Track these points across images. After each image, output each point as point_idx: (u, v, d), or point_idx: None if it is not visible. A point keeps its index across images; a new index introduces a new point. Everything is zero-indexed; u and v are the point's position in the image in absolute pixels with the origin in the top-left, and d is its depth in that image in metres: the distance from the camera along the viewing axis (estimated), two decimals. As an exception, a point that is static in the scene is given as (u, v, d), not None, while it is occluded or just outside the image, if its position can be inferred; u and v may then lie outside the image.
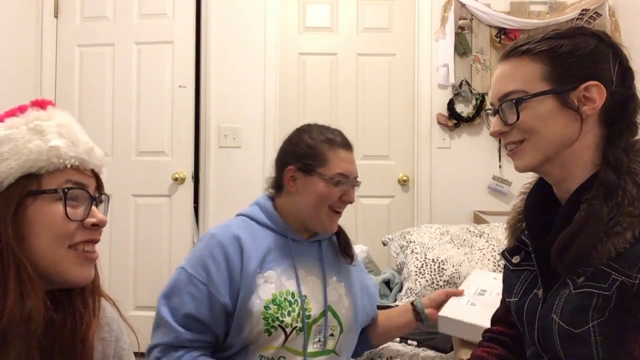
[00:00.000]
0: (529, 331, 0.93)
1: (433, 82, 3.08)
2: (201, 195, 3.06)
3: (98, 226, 0.79)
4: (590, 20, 2.98)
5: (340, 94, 3.20)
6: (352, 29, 3.21)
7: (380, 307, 2.21)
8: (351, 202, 1.36)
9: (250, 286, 1.24)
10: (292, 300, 1.27)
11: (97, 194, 0.82)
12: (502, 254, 1.03)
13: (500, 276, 1.12)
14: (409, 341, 1.87)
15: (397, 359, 1.78)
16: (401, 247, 2.52)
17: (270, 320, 1.23)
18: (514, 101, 0.87)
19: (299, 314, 1.26)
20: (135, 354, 0.96)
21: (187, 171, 3.06)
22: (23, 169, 0.74)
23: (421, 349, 1.83)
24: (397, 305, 2.24)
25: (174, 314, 1.22)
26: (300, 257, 1.32)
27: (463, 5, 3.03)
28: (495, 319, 1.12)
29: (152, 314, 1.31)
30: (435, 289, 2.27)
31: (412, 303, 1.46)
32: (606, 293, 0.79)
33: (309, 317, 1.27)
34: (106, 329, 0.86)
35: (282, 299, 1.25)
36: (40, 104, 0.82)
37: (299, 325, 1.25)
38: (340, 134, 1.40)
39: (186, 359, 1.19)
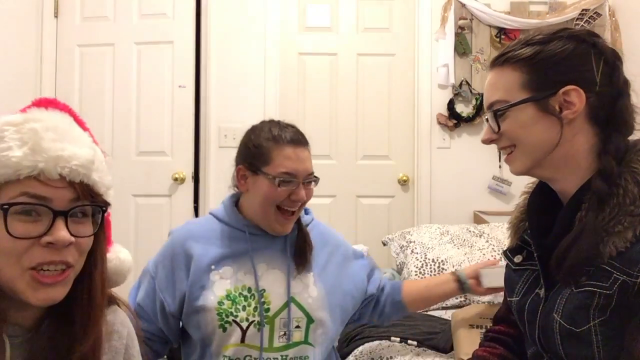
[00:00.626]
0: (529, 330, 0.93)
1: (433, 82, 3.08)
2: (201, 195, 3.06)
3: (55, 245, 0.70)
4: (590, 20, 2.98)
5: (340, 94, 3.20)
6: (352, 29, 3.21)
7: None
8: (303, 201, 1.31)
9: (202, 283, 1.26)
10: (249, 295, 1.27)
11: (73, 206, 0.73)
12: (504, 253, 1.03)
13: None
14: (409, 341, 1.87)
15: (397, 358, 1.78)
16: (401, 247, 2.52)
17: (223, 316, 1.24)
18: (494, 112, 0.91)
19: (255, 308, 1.25)
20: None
21: (187, 171, 3.06)
22: None
23: (421, 349, 1.83)
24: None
25: (132, 301, 1.32)
26: (261, 250, 1.32)
27: (463, 5, 3.03)
28: (497, 318, 1.12)
29: None
30: (435, 289, 2.27)
31: (453, 273, 1.50)
32: (608, 292, 0.80)
33: (267, 310, 1.27)
34: (116, 336, 0.83)
35: (237, 294, 1.26)
36: (39, 104, 0.79)
37: (257, 319, 1.25)
38: (293, 130, 1.33)
39: None
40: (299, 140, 1.30)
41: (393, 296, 1.50)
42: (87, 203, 0.75)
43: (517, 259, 0.99)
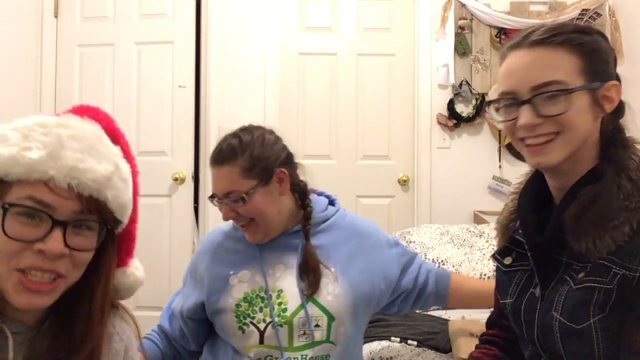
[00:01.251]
0: (527, 331, 0.92)
1: (433, 82, 3.08)
2: (201, 195, 3.06)
3: (46, 253, 0.69)
4: (590, 20, 2.98)
5: (340, 94, 3.20)
6: (352, 29, 3.21)
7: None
8: (226, 220, 1.30)
9: (221, 287, 1.30)
10: (266, 296, 1.28)
11: (76, 217, 0.72)
12: (493, 256, 1.03)
13: None
14: (409, 341, 1.87)
15: (397, 358, 1.78)
16: (401, 247, 2.52)
17: (241, 318, 1.27)
18: (566, 92, 0.84)
19: (273, 307, 1.27)
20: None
21: (187, 171, 3.06)
22: None
23: (421, 349, 1.83)
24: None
25: (169, 306, 1.42)
26: (275, 251, 1.32)
27: (463, 5, 3.03)
28: (489, 323, 1.13)
29: (152, 314, 1.35)
30: (435, 289, 2.27)
31: None
32: (608, 287, 0.80)
33: (285, 310, 1.27)
34: (117, 338, 0.83)
35: (254, 296, 1.28)
36: (78, 111, 0.79)
37: (276, 319, 1.26)
38: (219, 147, 1.29)
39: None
40: (216, 159, 1.27)
41: (438, 291, 1.45)
42: (93, 218, 0.74)
43: (507, 260, 0.99)
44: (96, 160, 0.74)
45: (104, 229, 0.76)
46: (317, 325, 1.27)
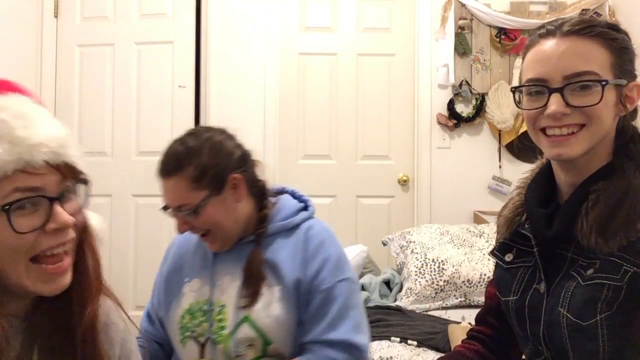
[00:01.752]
0: (531, 328, 0.92)
1: (433, 82, 3.08)
2: (201, 195, 3.06)
3: (60, 230, 0.70)
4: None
5: (340, 94, 3.20)
6: (352, 29, 3.21)
7: (380, 308, 2.22)
8: (181, 233, 1.20)
9: (174, 295, 1.25)
10: (208, 310, 1.19)
11: (61, 188, 0.72)
12: (492, 253, 1.02)
13: None
14: (409, 341, 1.87)
15: (397, 358, 1.78)
16: (401, 247, 2.52)
17: (183, 330, 1.21)
18: (599, 83, 0.83)
19: (212, 324, 1.19)
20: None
21: (187, 171, 3.06)
22: None
23: (421, 349, 1.83)
24: (397, 306, 2.25)
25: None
26: (227, 262, 1.21)
27: (463, 5, 3.03)
28: (477, 320, 1.13)
29: None
30: (435, 289, 2.27)
31: None
32: (618, 284, 0.79)
33: (223, 328, 1.17)
34: (113, 327, 0.82)
35: (197, 309, 1.20)
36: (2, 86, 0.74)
37: (214, 336, 1.17)
38: (165, 156, 1.16)
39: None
40: (161, 170, 1.15)
41: None
42: (73, 182, 0.74)
43: (508, 257, 0.97)
44: (48, 128, 0.73)
45: (86, 184, 0.76)
46: (250, 345, 1.16)
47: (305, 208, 1.29)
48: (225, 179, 1.16)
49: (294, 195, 1.34)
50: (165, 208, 1.18)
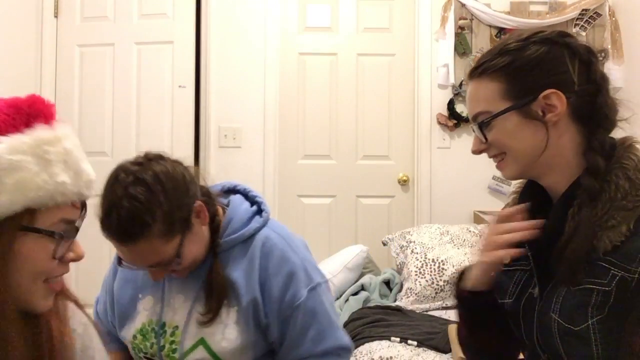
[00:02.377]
0: (526, 331, 0.92)
1: (433, 82, 3.08)
2: (201, 195, 3.06)
3: (75, 260, 0.73)
4: (590, 20, 2.98)
5: (340, 94, 3.20)
6: (352, 29, 3.21)
7: (380, 307, 2.22)
8: (156, 281, 1.11)
9: (129, 312, 1.17)
10: (161, 331, 1.13)
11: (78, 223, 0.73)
12: None
13: None
14: (409, 341, 1.87)
15: (397, 358, 1.78)
16: (401, 247, 2.52)
17: (136, 351, 1.16)
18: (479, 124, 0.92)
19: (163, 346, 1.12)
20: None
21: (187, 171, 3.06)
22: (26, 204, 0.65)
23: (421, 349, 1.83)
24: (397, 306, 2.24)
25: (96, 306, 1.30)
26: (179, 280, 1.13)
27: (463, 5, 3.03)
28: None
29: None
30: (435, 289, 2.27)
31: None
32: (606, 289, 0.80)
33: (174, 351, 1.10)
34: (74, 335, 0.80)
35: (149, 329, 1.14)
36: (45, 114, 0.74)
37: (165, 359, 1.12)
38: (115, 215, 0.98)
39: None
40: (122, 237, 0.99)
41: None
42: (82, 216, 0.75)
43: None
44: (87, 163, 0.74)
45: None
46: None
47: (259, 212, 1.19)
48: (191, 213, 1.04)
49: (246, 194, 1.24)
50: (122, 264, 1.05)
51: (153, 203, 0.98)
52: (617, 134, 0.91)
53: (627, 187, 0.83)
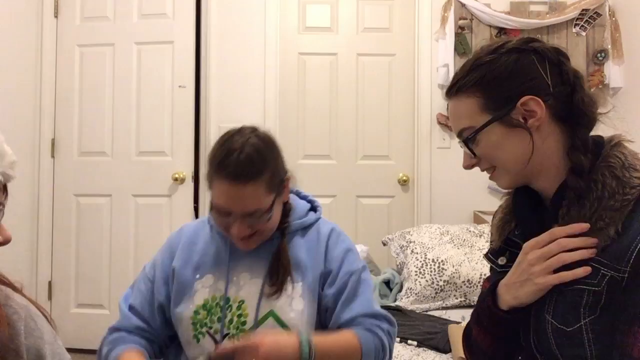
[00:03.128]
0: (523, 333, 0.92)
1: (433, 82, 3.08)
2: (201, 195, 3.06)
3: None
4: (590, 20, 2.98)
5: (340, 94, 3.20)
6: (352, 29, 3.21)
7: (380, 307, 2.22)
8: (240, 238, 1.15)
9: (186, 291, 1.22)
10: (226, 306, 1.20)
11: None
12: (486, 256, 1.03)
13: None
14: (409, 341, 1.87)
15: (397, 358, 1.78)
16: (401, 247, 2.52)
17: (198, 326, 1.20)
18: (464, 140, 0.93)
19: (231, 320, 1.19)
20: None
21: (187, 171, 3.06)
22: None
23: (421, 349, 1.83)
24: (397, 306, 2.25)
25: (126, 302, 1.28)
26: (243, 258, 1.22)
27: (463, 5, 3.03)
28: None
29: None
30: (435, 289, 2.27)
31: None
32: (596, 289, 0.80)
33: (244, 324, 1.18)
34: (15, 317, 0.78)
35: (214, 304, 1.20)
36: None
37: (233, 332, 1.18)
38: (238, 159, 1.11)
39: (115, 336, 1.21)
40: (238, 175, 1.10)
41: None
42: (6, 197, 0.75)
43: (501, 260, 0.98)
44: (7, 145, 0.74)
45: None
46: None
47: (314, 209, 1.34)
48: (283, 181, 1.20)
49: (298, 195, 1.37)
50: (222, 212, 1.13)
51: (267, 156, 1.15)
52: (609, 132, 0.92)
53: (614, 185, 0.83)
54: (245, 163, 1.11)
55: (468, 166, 0.96)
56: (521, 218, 0.96)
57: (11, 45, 2.90)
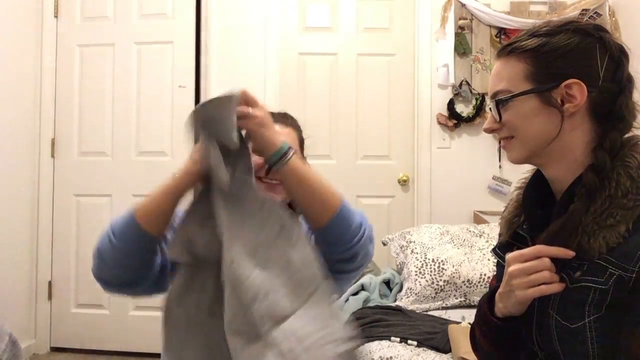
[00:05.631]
0: (526, 329, 0.92)
1: (433, 82, 3.08)
2: (201, 195, 3.06)
3: None
4: (590, 20, 2.98)
5: (340, 94, 3.20)
6: (352, 29, 3.21)
7: (380, 307, 2.22)
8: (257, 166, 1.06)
9: None
10: None
11: None
12: (494, 250, 1.02)
13: None
14: (409, 341, 1.87)
15: (397, 358, 1.78)
16: (401, 247, 2.52)
17: None
18: (496, 101, 0.91)
19: None
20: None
21: (187, 171, 3.06)
22: None
23: (421, 349, 1.83)
24: (397, 306, 2.25)
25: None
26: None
27: (463, 5, 3.03)
28: None
29: (152, 314, 1.31)
30: (435, 289, 2.27)
31: None
32: (603, 287, 0.80)
33: None
34: None
35: None
36: None
37: None
38: (283, 113, 1.26)
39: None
40: (280, 119, 1.20)
41: None
42: None
43: (508, 256, 0.98)
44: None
45: None
46: None
47: None
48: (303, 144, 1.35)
49: None
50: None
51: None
52: None
53: (628, 185, 0.82)
54: (285, 114, 1.23)
55: (488, 129, 0.95)
56: (529, 212, 0.95)
57: (11, 45, 2.90)
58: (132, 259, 1.03)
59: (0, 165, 2.83)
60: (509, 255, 0.87)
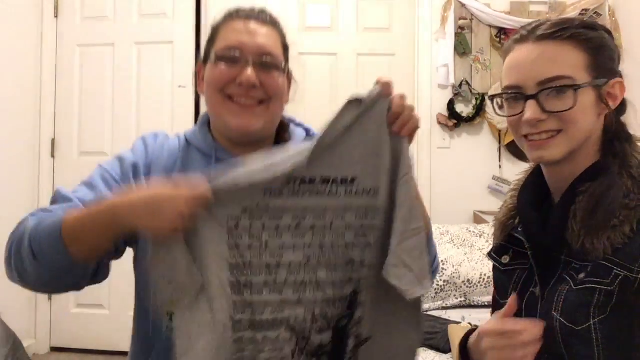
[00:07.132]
0: None
1: (433, 82, 3.08)
2: (201, 195, 3.06)
3: None
4: (589, 20, 2.98)
5: (340, 94, 3.20)
6: (352, 29, 3.21)
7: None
8: (250, 85, 0.98)
9: None
10: None
11: None
12: (489, 255, 1.01)
13: None
14: (409, 341, 1.87)
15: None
16: (401, 247, 2.52)
17: None
18: (573, 88, 0.83)
19: None
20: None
21: (187, 171, 3.06)
22: None
23: (421, 349, 1.83)
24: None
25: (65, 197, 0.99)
26: None
27: (463, 5, 3.03)
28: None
29: None
30: (435, 289, 2.27)
31: None
32: (608, 288, 0.79)
33: None
34: None
35: None
36: None
37: None
38: (257, 8, 1.03)
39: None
40: (256, 15, 1.01)
41: None
42: None
43: (505, 259, 0.97)
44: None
45: None
46: None
47: (308, 132, 1.22)
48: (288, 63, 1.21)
49: (294, 122, 1.27)
50: (232, 58, 1.00)
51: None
52: None
53: (630, 185, 0.82)
54: (263, 10, 1.04)
55: (534, 120, 0.84)
56: (524, 216, 0.94)
57: (11, 45, 2.90)
58: (58, 282, 0.88)
59: (0, 165, 2.83)
60: (482, 328, 0.86)
